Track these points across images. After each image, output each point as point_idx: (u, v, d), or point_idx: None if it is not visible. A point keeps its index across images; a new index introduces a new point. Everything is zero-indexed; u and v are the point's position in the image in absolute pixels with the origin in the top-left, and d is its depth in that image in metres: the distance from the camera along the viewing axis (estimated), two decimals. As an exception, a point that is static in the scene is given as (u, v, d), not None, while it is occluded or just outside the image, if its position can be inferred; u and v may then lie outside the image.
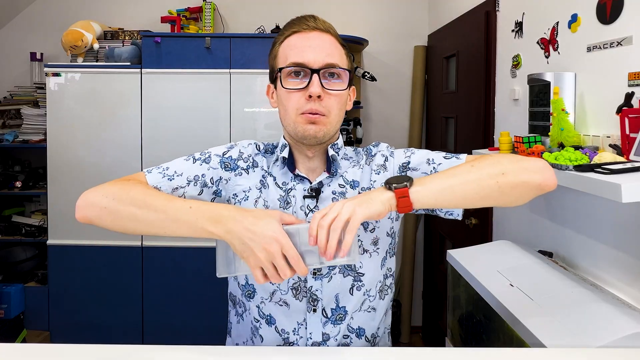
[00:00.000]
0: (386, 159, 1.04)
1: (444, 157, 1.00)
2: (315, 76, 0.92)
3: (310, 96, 0.92)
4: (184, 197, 0.97)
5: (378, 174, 1.02)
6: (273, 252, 0.79)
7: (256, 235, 0.79)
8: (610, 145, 1.32)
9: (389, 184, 0.86)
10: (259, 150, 1.06)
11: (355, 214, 0.80)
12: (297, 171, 1.00)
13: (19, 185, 2.96)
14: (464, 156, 0.99)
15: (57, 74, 2.74)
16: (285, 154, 1.01)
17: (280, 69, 0.95)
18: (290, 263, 0.80)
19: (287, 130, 0.99)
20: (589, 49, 1.50)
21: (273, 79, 1.01)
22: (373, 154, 1.06)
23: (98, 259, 2.76)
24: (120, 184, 0.91)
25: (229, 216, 0.82)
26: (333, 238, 0.79)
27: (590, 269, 1.49)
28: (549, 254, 1.68)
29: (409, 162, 1.02)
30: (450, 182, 0.86)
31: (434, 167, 0.99)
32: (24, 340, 2.80)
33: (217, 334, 1.13)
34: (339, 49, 0.98)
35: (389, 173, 1.02)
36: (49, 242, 2.78)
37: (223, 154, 1.03)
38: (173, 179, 0.97)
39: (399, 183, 0.85)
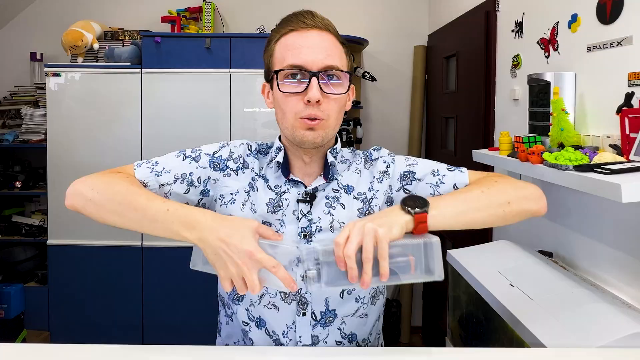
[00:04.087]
0: (388, 166, 1.02)
1: (448, 169, 1.01)
2: (314, 80, 0.88)
3: (309, 101, 0.89)
4: (170, 194, 0.96)
5: (381, 182, 1.00)
6: (244, 269, 0.77)
7: (230, 247, 0.77)
8: (610, 145, 1.32)
9: (407, 207, 0.84)
10: (250, 151, 1.03)
11: (381, 240, 0.77)
12: (291, 176, 0.98)
13: (19, 185, 2.96)
14: (465, 169, 1.01)
15: (57, 74, 2.74)
16: (280, 158, 0.98)
17: (277, 72, 0.91)
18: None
19: (285, 134, 0.96)
20: (589, 49, 1.50)
21: (269, 79, 0.98)
22: (374, 158, 1.04)
23: (98, 259, 2.76)
24: (108, 177, 0.91)
25: (205, 224, 0.80)
26: (368, 269, 0.77)
27: (590, 269, 1.49)
28: (549, 254, 1.68)
29: (413, 172, 1.00)
30: (463, 207, 0.88)
31: (439, 179, 0.99)
32: (24, 340, 2.80)
33: (217, 334, 1.13)
34: (339, 48, 0.94)
35: (391, 181, 1.00)
36: (49, 242, 2.78)
37: (213, 154, 1.00)
38: (160, 175, 0.96)
39: (418, 207, 0.84)
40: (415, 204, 0.84)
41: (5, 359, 0.83)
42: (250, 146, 1.04)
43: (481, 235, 2.32)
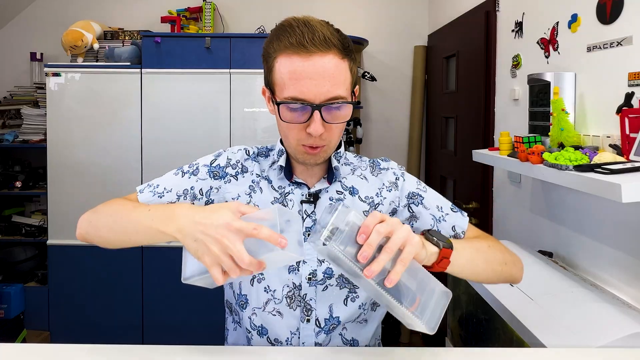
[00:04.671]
0: (397, 178, 1.03)
1: (451, 209, 1.03)
2: (316, 114, 0.85)
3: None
4: None
5: (389, 191, 1.01)
6: (225, 242, 0.71)
7: (207, 227, 0.73)
8: (610, 145, 1.32)
9: (434, 238, 0.82)
10: (248, 156, 1.03)
11: (412, 245, 0.73)
12: (294, 178, 0.99)
13: (19, 185, 2.96)
14: (466, 215, 1.04)
15: (57, 74, 2.74)
16: (283, 162, 0.98)
17: (279, 103, 0.87)
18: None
19: (288, 151, 0.97)
20: (589, 49, 1.50)
21: (267, 84, 0.94)
22: (382, 167, 1.05)
23: (98, 259, 2.76)
24: (108, 201, 0.95)
25: (180, 213, 0.79)
26: (383, 259, 0.70)
27: (590, 269, 1.49)
28: (549, 254, 1.68)
29: (421, 197, 1.02)
30: (477, 256, 0.90)
31: (442, 215, 1.01)
32: (24, 340, 2.80)
33: (217, 334, 1.13)
34: (343, 68, 0.87)
35: (399, 193, 1.02)
36: (49, 242, 2.78)
37: (211, 163, 1.01)
38: (163, 195, 0.97)
39: (444, 241, 0.82)
40: (440, 237, 0.83)
41: (5, 359, 0.83)
42: (248, 151, 1.05)
43: (481, 235, 2.32)
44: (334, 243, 0.70)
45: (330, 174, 0.98)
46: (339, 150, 1.01)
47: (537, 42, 1.83)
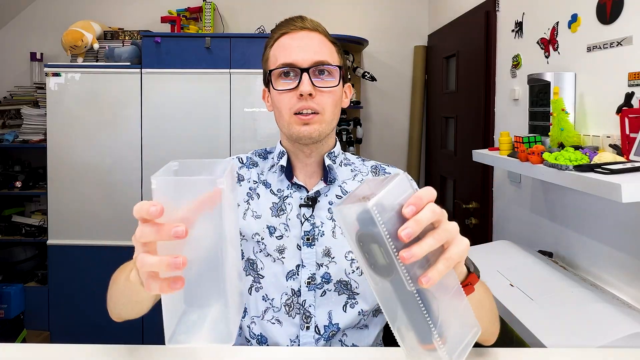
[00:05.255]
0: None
1: None
2: (305, 75, 0.92)
3: (301, 95, 0.92)
4: None
5: None
6: (139, 233, 0.52)
7: None
8: (610, 145, 1.32)
9: (467, 258, 0.69)
10: (242, 163, 1.05)
11: (461, 243, 0.56)
12: (294, 179, 0.99)
13: (19, 185, 2.96)
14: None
15: (57, 74, 2.74)
16: (284, 162, 0.99)
17: (271, 71, 0.96)
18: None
19: (283, 132, 0.99)
20: (589, 49, 1.50)
21: (266, 82, 1.01)
22: (387, 171, 1.06)
23: (98, 259, 2.76)
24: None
25: None
26: (428, 244, 0.51)
27: (590, 269, 1.49)
28: (549, 254, 1.68)
29: None
30: (484, 296, 0.82)
31: None
32: (24, 340, 2.80)
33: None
34: (329, 46, 0.98)
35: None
36: (49, 242, 2.78)
37: None
38: None
39: (475, 267, 0.70)
40: (469, 259, 0.70)
41: (5, 359, 0.83)
42: (241, 159, 1.06)
43: (481, 235, 2.32)
44: (373, 207, 0.50)
45: (325, 174, 0.99)
46: (332, 150, 1.01)
47: (537, 42, 1.83)
